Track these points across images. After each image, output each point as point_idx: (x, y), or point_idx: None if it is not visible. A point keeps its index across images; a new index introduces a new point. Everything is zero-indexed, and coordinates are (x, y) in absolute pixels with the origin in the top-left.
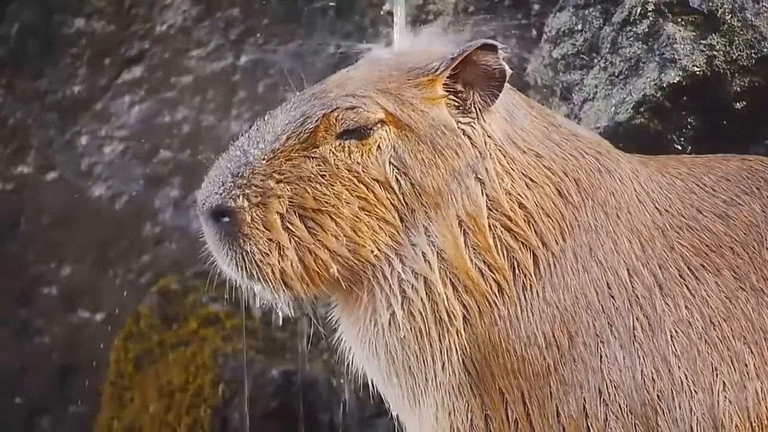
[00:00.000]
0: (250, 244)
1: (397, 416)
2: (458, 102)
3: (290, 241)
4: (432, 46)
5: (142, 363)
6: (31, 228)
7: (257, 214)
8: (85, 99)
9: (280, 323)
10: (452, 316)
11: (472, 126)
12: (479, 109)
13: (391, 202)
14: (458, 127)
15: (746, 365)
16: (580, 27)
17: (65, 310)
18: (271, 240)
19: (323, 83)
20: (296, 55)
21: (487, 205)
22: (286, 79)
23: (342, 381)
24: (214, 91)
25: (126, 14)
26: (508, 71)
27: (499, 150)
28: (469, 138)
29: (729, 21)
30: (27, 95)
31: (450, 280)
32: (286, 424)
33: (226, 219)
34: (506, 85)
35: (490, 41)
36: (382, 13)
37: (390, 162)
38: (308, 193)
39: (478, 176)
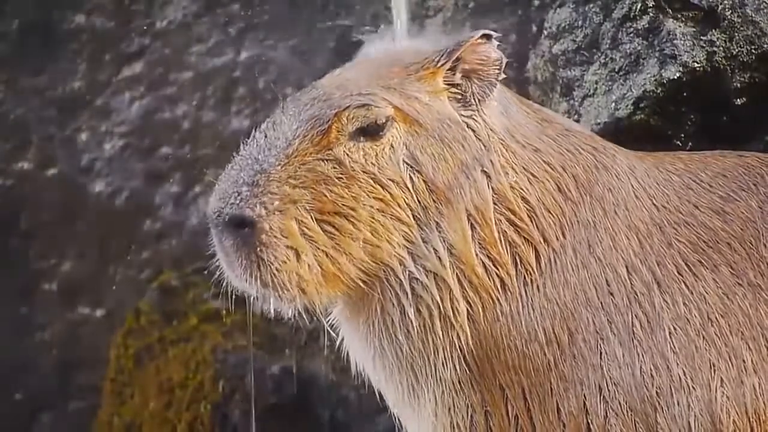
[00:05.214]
0: (268, 253)
1: (397, 414)
2: (459, 94)
3: (308, 246)
4: (423, 44)
5: (143, 359)
6: (31, 224)
7: (275, 222)
8: (85, 95)
9: (281, 319)
10: (456, 312)
11: (474, 118)
12: (479, 100)
13: (405, 201)
14: (461, 120)
15: (744, 361)
16: (580, 23)
17: (65, 306)
18: (289, 247)
19: (318, 88)
20: (297, 51)
21: (492, 199)
22: (286, 76)
23: (342, 377)
24: (215, 87)
25: (126, 10)
26: (505, 59)
27: (501, 143)
28: (473, 131)
29: (729, 17)
30: (27, 91)
31: (457, 275)
32: (286, 420)
33: (246, 229)
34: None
35: (487, 31)
36: (381, 11)
37: (403, 161)
38: (326, 196)
39: (484, 169)
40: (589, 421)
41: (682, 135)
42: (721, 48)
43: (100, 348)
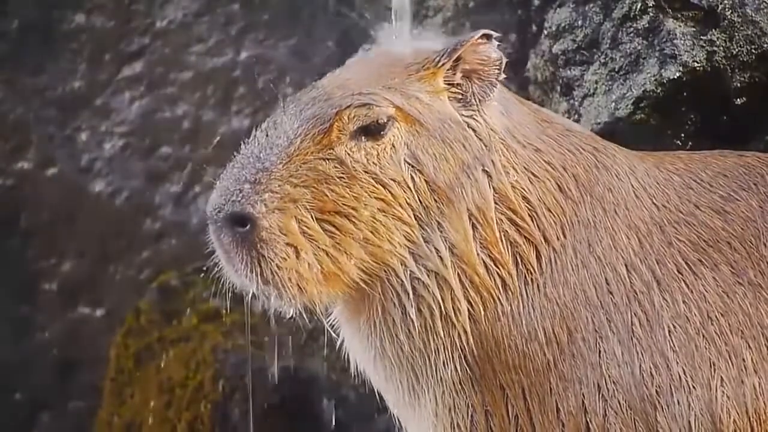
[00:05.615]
0: (268, 250)
1: (397, 414)
2: (459, 94)
3: (308, 245)
4: (423, 44)
5: (143, 359)
6: (31, 224)
7: (275, 219)
8: (85, 95)
9: (282, 318)
10: (458, 312)
11: (474, 118)
12: (479, 100)
13: (407, 201)
14: (462, 120)
15: (744, 360)
16: (580, 23)
17: (65, 306)
18: (288, 245)
19: (318, 88)
20: (296, 51)
21: (493, 199)
22: (286, 76)
23: (342, 377)
24: (215, 87)
25: (126, 10)
26: (505, 59)
27: (502, 143)
28: (474, 130)
29: (729, 17)
30: (27, 91)
31: (459, 275)
32: (286, 420)
33: (245, 226)
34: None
35: (487, 31)
36: (373, 14)
37: (405, 161)
38: (327, 195)
39: (485, 168)
40: (588, 420)
41: (682, 135)
42: (721, 48)
43: (100, 348)
